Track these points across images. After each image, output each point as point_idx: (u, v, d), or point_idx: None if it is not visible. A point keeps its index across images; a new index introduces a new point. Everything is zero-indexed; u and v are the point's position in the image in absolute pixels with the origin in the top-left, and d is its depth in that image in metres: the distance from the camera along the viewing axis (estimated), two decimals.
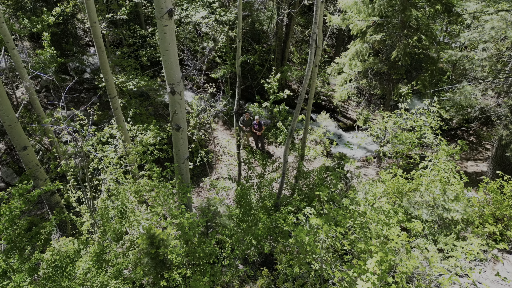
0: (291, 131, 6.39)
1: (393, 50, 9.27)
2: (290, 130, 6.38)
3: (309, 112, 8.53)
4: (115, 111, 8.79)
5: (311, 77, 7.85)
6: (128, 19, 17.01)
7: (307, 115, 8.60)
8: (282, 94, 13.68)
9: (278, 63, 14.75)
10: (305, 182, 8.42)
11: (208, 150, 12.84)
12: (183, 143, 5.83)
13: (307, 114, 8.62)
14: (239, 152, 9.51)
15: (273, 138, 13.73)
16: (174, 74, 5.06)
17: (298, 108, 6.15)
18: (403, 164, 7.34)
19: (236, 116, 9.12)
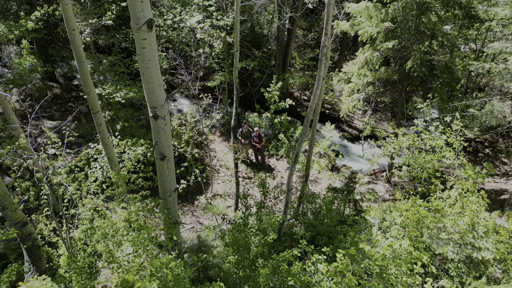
0: (295, 156, 5.57)
1: (407, 58, 8.48)
2: (295, 156, 5.57)
3: (314, 128, 7.72)
4: (99, 127, 7.96)
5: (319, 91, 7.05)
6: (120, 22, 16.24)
7: (312, 131, 7.78)
8: (283, 104, 12.87)
9: (279, 69, 13.97)
10: (311, 208, 7.59)
11: (204, 165, 12.02)
12: (170, 174, 5.01)
13: (313, 130, 7.80)
14: (237, 171, 8.69)
15: (274, 150, 12.92)
16: (157, 96, 4.25)
17: (304, 132, 5.33)
18: (422, 190, 6.52)
19: (234, 131, 8.32)
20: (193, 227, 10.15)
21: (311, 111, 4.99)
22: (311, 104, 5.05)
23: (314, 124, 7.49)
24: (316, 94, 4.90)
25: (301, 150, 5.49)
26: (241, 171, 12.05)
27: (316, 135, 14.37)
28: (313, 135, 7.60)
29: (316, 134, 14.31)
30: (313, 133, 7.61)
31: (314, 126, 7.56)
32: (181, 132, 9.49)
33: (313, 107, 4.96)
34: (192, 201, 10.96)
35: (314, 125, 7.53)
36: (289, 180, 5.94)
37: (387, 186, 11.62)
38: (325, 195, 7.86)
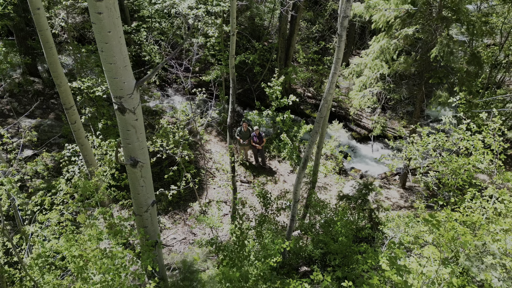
0: (304, 161, 4.53)
1: (429, 47, 7.45)
2: (304, 161, 4.53)
3: (324, 126, 6.68)
4: (73, 125, 6.92)
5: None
6: None
7: (322, 130, 6.74)
8: (286, 100, 11.80)
9: (282, 63, 12.92)
10: (319, 220, 6.54)
11: (198, 168, 10.98)
12: (145, 184, 3.97)
13: (323, 128, 6.76)
14: (234, 176, 7.65)
15: (275, 151, 11.87)
16: (122, 81, 3.21)
17: (316, 130, 4.30)
18: (456, 200, 5.47)
19: (230, 130, 7.28)
20: (185, 238, 9.11)
21: (325, 103, 3.96)
22: (325, 95, 4.01)
23: (324, 121, 6.45)
24: (333, 81, 3.86)
25: (311, 152, 4.45)
26: (239, 175, 11.01)
27: None
28: (323, 134, 6.56)
29: None
30: (323, 132, 6.58)
31: (324, 123, 6.52)
32: (170, 131, 8.44)
33: (327, 98, 3.92)
34: (184, 209, 9.92)
35: (324, 122, 6.49)
36: (296, 190, 4.90)
37: (402, 191, 10.57)
38: (336, 205, 6.81)
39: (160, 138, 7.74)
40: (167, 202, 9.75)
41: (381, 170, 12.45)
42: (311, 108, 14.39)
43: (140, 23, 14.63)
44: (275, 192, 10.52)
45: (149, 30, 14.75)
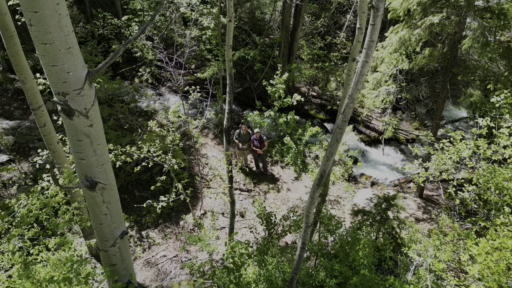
0: (320, 177, 3.57)
1: (457, 38, 6.49)
2: (319, 176, 3.56)
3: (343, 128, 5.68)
4: (43, 129, 5.98)
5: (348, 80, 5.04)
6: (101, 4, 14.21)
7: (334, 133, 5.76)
8: (290, 100, 10.83)
9: (284, 59, 11.96)
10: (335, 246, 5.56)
11: (193, 175, 10.00)
12: (110, 211, 3.00)
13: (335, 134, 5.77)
14: (232, 187, 6.68)
15: (278, 156, 10.90)
16: (66, 70, 2.24)
17: (337, 138, 3.34)
18: (503, 222, 4.50)
19: (227, 134, 6.31)
20: (176, 255, 8.13)
21: (350, 102, 3.00)
22: (351, 92, 3.04)
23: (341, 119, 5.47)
24: (363, 73, 2.89)
25: (329, 167, 3.48)
26: (238, 182, 10.04)
27: (328, 137, 12.36)
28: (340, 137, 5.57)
29: (328, 136, 12.29)
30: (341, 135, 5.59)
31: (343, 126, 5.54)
32: (158, 135, 7.47)
33: (354, 95, 2.97)
34: (176, 221, 8.94)
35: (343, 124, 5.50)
36: (309, 213, 3.92)
37: (419, 201, 9.59)
38: (352, 223, 5.82)
39: (148, 143, 6.77)
40: (157, 214, 8.78)
41: (393, 176, 11.48)
42: (316, 108, 13.42)
43: (132, 16, 13.66)
44: (278, 202, 9.55)
45: (142, 25, 13.79)
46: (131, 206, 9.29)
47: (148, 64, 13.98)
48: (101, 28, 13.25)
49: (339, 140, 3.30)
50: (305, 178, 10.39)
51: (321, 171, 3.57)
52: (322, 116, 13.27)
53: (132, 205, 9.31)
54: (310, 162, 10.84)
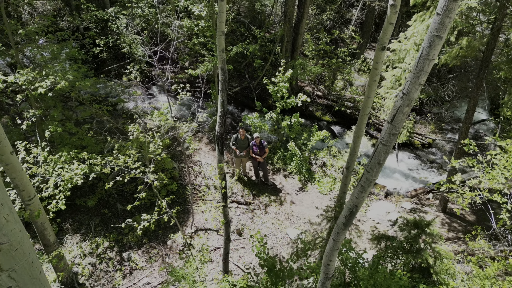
0: (349, 215, 2.43)
1: (498, 26, 5.37)
2: (348, 214, 2.43)
3: (359, 139, 4.59)
4: None
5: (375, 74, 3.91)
6: None
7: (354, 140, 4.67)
8: (294, 100, 9.69)
9: (288, 55, 10.83)
10: (351, 279, 4.41)
11: (184, 185, 8.86)
12: (19, 282, 1.84)
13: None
14: (226, 206, 5.53)
15: (280, 163, 9.76)
16: None
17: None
18: None
19: (220, 142, 5.17)
20: (162, 283, 6.98)
21: (406, 104, 1.84)
22: (408, 88, 1.89)
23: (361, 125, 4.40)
24: (431, 56, 1.74)
25: (363, 200, 2.32)
26: (235, 194, 8.90)
27: (336, 142, 11.23)
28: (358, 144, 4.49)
29: (336, 141, 11.15)
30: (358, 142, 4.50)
31: (360, 132, 4.45)
32: (138, 142, 6.34)
33: (412, 94, 1.81)
34: (164, 240, 7.80)
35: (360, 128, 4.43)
36: (330, 261, 2.78)
37: (443, 216, 8.45)
38: (375, 257, 4.67)
39: (122, 152, 5.64)
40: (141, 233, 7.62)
41: (409, 186, 10.34)
42: (322, 109, 12.29)
43: (120, 8, 12.52)
44: (281, 217, 8.41)
45: (130, 18, 12.68)
46: (112, 222, 8.16)
47: (137, 61, 12.86)
48: (85, 22, 12.13)
49: (382, 162, 2.15)
50: (311, 189, 9.25)
51: (351, 207, 2.42)
52: (328, 118, 12.14)
53: (113, 221, 8.19)
54: (316, 170, 9.70)
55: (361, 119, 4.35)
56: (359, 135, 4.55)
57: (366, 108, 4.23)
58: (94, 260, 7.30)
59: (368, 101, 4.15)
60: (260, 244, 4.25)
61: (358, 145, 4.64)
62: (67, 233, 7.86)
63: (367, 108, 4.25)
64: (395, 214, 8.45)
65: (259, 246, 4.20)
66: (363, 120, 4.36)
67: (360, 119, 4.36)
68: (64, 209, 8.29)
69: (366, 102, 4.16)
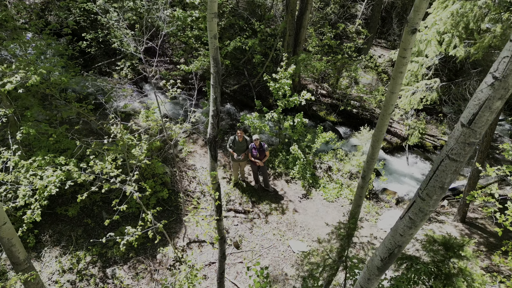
0: (385, 260, 1.65)
1: None
2: (385, 259, 1.64)
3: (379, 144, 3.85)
4: None
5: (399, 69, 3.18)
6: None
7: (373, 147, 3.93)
8: (297, 99, 8.95)
9: (290, 50, 10.09)
10: None
11: (176, 191, 8.12)
12: None
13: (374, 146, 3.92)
14: (221, 220, 4.79)
15: (282, 167, 9.02)
16: None
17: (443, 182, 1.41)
18: None
19: (212, 146, 4.43)
20: None
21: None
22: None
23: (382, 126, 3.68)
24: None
25: (409, 240, 1.56)
26: (233, 201, 8.16)
27: (342, 144, 10.48)
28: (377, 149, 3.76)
29: (343, 144, 10.40)
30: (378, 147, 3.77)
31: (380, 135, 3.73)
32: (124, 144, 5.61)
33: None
34: (153, 254, 7.06)
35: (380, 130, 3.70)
36: None
37: (461, 227, 7.70)
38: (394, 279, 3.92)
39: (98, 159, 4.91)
40: (128, 246, 6.88)
41: None
42: (326, 109, 11.55)
43: (111, 1, 11.79)
44: (283, 227, 7.67)
45: (121, 11, 11.94)
46: (96, 233, 7.41)
47: (129, 57, 12.11)
48: (72, 15, 11.39)
49: (447, 185, 1.40)
50: (315, 196, 8.51)
51: (391, 246, 1.70)
52: (333, 118, 11.40)
53: (97, 231, 7.44)
54: (321, 175, 8.95)
55: (383, 119, 3.59)
56: (379, 138, 3.80)
57: (389, 106, 3.47)
58: (74, 277, 6.56)
59: (392, 97, 3.40)
60: (261, 278, 3.44)
61: (378, 151, 3.90)
62: (46, 246, 7.11)
63: (390, 106, 3.49)
64: None
65: (259, 283, 3.36)
66: (385, 121, 3.61)
67: (382, 119, 3.61)
68: (44, 219, 7.58)
69: (390, 99, 3.41)
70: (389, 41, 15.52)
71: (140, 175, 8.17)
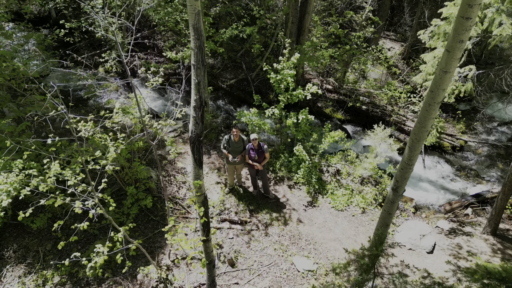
0: None
1: None
2: None
3: (419, 144, 2.83)
4: None
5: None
6: None
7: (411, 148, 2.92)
8: (302, 92, 7.94)
9: (293, 39, 9.09)
10: None
11: (161, 199, 7.13)
12: None
13: (413, 148, 2.93)
14: (209, 240, 3.79)
15: (284, 171, 8.03)
16: None
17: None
18: None
19: (196, 146, 3.43)
20: None
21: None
22: None
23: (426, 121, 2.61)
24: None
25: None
26: (227, 210, 7.17)
27: (352, 144, 9.49)
28: (416, 152, 2.73)
29: (352, 144, 9.41)
30: (417, 149, 2.73)
31: (422, 132, 2.67)
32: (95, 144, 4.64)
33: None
34: (133, 273, 6.06)
35: (424, 126, 2.64)
36: None
37: (493, 241, 6.70)
38: None
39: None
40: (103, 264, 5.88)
41: (441, 198, 8.61)
42: (332, 105, 10.56)
43: None
44: (285, 241, 6.68)
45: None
46: (68, 248, 6.42)
47: (115, 48, 11.12)
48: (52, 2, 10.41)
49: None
50: (322, 203, 7.52)
51: None
52: (340, 115, 10.41)
53: (69, 246, 6.45)
54: (328, 179, 7.96)
55: (428, 111, 2.57)
56: (420, 137, 2.82)
57: (438, 91, 2.46)
58: None
59: (444, 78, 2.41)
60: None
61: (417, 154, 2.91)
62: (9, 263, 6.14)
63: (440, 92, 2.49)
64: (432, 238, 6.72)
65: None
66: (431, 112, 2.61)
67: (426, 111, 2.60)
68: (8, 231, 6.61)
69: (441, 81, 2.40)
70: (399, 33, 14.54)
71: (120, 181, 7.20)
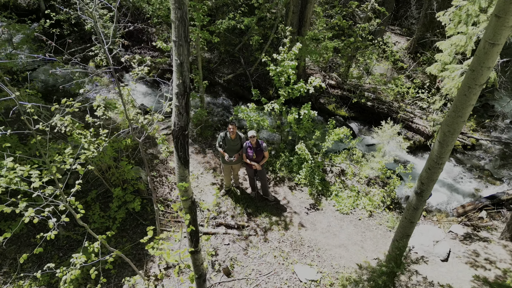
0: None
1: None
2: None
3: (453, 138, 2.27)
4: None
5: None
6: None
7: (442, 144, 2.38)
8: (304, 86, 7.38)
9: (294, 31, 8.56)
10: None
11: (150, 201, 6.60)
12: None
13: (445, 143, 2.37)
14: (197, 252, 3.26)
15: (285, 171, 7.50)
16: None
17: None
18: None
19: (180, 143, 2.90)
20: None
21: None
22: None
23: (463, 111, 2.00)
24: None
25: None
26: (224, 213, 6.65)
27: (358, 142, 8.96)
28: (448, 149, 2.14)
29: (358, 141, 8.88)
30: (450, 144, 2.14)
31: (458, 123, 2.07)
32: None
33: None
34: (118, 284, 5.53)
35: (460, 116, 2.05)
36: None
37: (511, 246, 6.16)
38: None
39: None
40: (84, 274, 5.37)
41: (453, 200, 8.08)
42: (336, 102, 10.02)
43: None
44: (286, 247, 6.16)
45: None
46: (48, 255, 5.91)
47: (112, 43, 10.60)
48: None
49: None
50: (326, 206, 6.99)
51: None
52: (344, 112, 9.89)
53: (51, 253, 5.94)
54: (332, 180, 7.43)
55: (468, 95, 2.00)
56: (455, 129, 2.29)
57: (483, 70, 1.85)
58: None
59: (492, 52, 1.84)
60: None
61: (449, 150, 2.37)
62: None
63: (485, 71, 1.90)
64: (446, 244, 6.19)
65: None
66: (471, 98, 2.04)
67: (465, 96, 2.03)
68: None
69: (488, 55, 1.81)
70: (404, 27, 14.01)
71: (107, 182, 6.67)
